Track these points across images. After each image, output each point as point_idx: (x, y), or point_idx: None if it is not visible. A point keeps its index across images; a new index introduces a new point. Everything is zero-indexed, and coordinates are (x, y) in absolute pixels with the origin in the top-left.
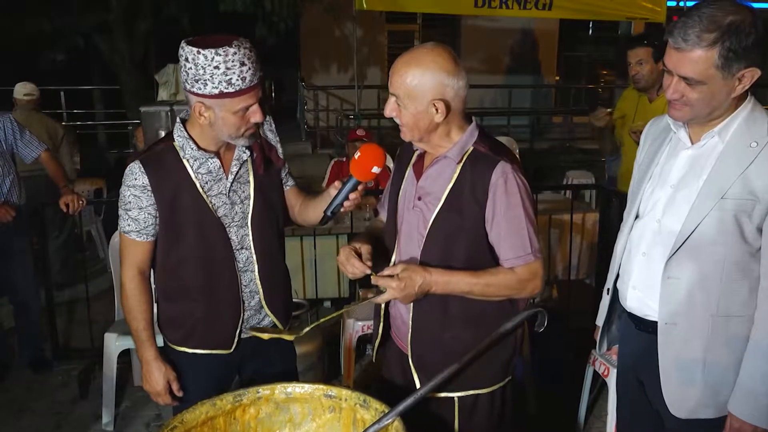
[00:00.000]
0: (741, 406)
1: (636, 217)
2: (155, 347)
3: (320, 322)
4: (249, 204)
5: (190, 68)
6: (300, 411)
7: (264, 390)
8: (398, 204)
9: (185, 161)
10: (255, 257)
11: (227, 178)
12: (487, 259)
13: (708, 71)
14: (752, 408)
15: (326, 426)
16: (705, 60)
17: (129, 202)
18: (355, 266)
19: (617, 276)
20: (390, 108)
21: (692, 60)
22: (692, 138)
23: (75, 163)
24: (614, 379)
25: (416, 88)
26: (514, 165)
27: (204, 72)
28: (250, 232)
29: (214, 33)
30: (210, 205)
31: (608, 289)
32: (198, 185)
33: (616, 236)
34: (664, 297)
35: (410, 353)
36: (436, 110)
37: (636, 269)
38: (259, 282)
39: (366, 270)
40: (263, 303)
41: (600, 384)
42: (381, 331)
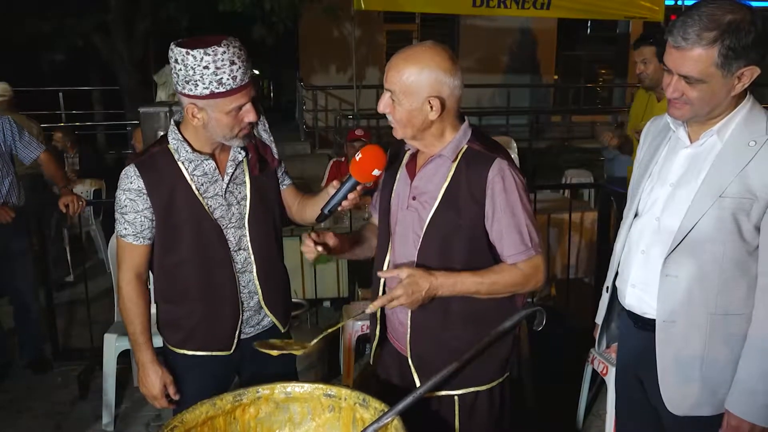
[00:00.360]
0: (738, 404)
1: (635, 216)
2: (152, 350)
3: (327, 333)
4: (245, 205)
5: (180, 69)
6: (300, 410)
7: (264, 389)
8: (391, 204)
9: (180, 164)
10: (253, 258)
11: (223, 180)
12: (487, 257)
13: (708, 70)
14: (750, 406)
15: (326, 425)
16: (705, 58)
17: (125, 206)
18: (307, 243)
19: (616, 274)
20: (384, 104)
21: (692, 58)
22: (691, 137)
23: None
24: (613, 378)
25: (413, 84)
26: (509, 162)
27: (194, 73)
28: (248, 233)
29: (213, 33)
30: (206, 207)
31: (607, 287)
32: (194, 187)
33: (615, 235)
34: (663, 295)
35: (409, 354)
36: (431, 107)
37: (635, 267)
38: (258, 282)
39: (316, 248)
40: (262, 303)
41: (599, 382)
42: (378, 333)
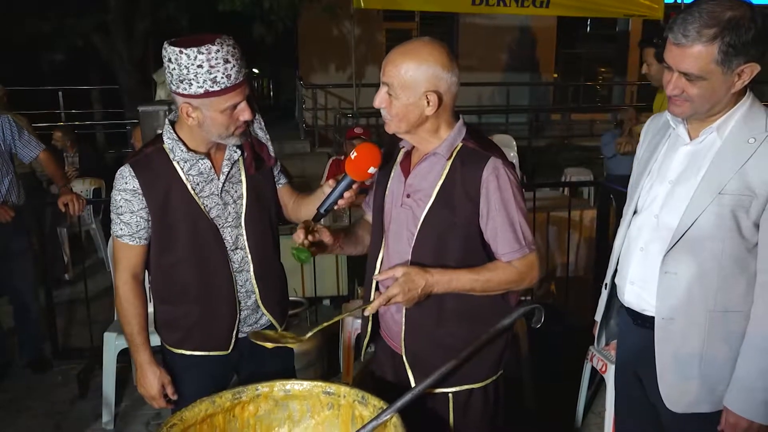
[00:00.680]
0: (737, 401)
1: (634, 213)
2: (149, 351)
3: (322, 327)
4: (242, 204)
5: (174, 69)
6: (299, 408)
7: (263, 387)
8: (385, 202)
9: (175, 163)
10: (250, 257)
11: (219, 179)
12: (481, 255)
13: (708, 66)
14: (748, 403)
15: (325, 423)
16: (705, 55)
17: (120, 206)
18: (299, 233)
19: (615, 271)
20: (380, 98)
21: (692, 55)
22: (691, 134)
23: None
24: (612, 375)
25: (411, 78)
26: (504, 160)
27: (188, 72)
28: (244, 232)
29: (213, 33)
30: (202, 207)
31: (606, 285)
32: (189, 187)
33: (614, 232)
34: (662, 292)
35: (404, 351)
36: (428, 102)
37: (634, 264)
38: (255, 282)
39: (302, 240)
40: (259, 303)
41: (598, 380)
42: (370, 330)
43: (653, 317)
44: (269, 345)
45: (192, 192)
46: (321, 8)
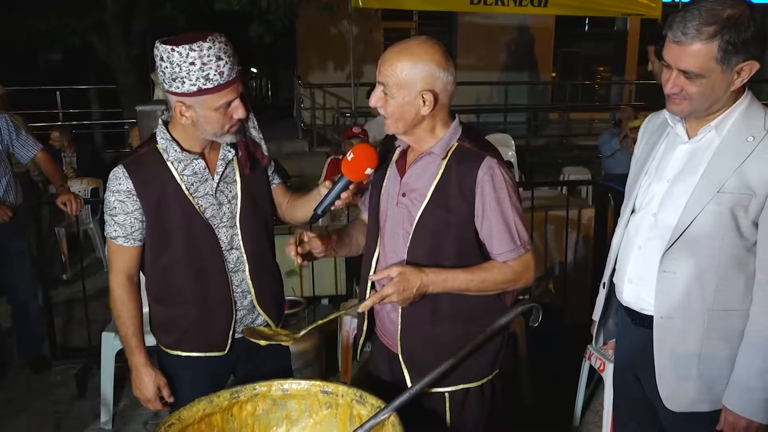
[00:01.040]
0: (736, 400)
1: (632, 212)
2: (145, 353)
3: (317, 324)
4: (236, 204)
5: (166, 67)
6: (297, 407)
7: (261, 387)
8: (381, 201)
9: (169, 164)
10: (245, 257)
11: (213, 179)
12: (476, 255)
13: (707, 64)
14: (747, 402)
15: (323, 422)
16: (704, 53)
17: (114, 208)
18: (290, 249)
19: (613, 270)
20: (376, 98)
21: (692, 53)
22: (689, 132)
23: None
24: (610, 374)
25: (406, 78)
26: (499, 160)
27: (180, 69)
28: (239, 232)
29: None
30: (197, 207)
31: (604, 284)
32: (183, 187)
33: (613, 231)
34: (660, 291)
35: (400, 351)
36: (424, 102)
37: (632, 263)
38: (251, 282)
39: (296, 257)
40: (255, 303)
41: (596, 379)
42: (365, 330)
43: (652, 316)
44: (263, 342)
45: (186, 192)
46: (319, 8)
